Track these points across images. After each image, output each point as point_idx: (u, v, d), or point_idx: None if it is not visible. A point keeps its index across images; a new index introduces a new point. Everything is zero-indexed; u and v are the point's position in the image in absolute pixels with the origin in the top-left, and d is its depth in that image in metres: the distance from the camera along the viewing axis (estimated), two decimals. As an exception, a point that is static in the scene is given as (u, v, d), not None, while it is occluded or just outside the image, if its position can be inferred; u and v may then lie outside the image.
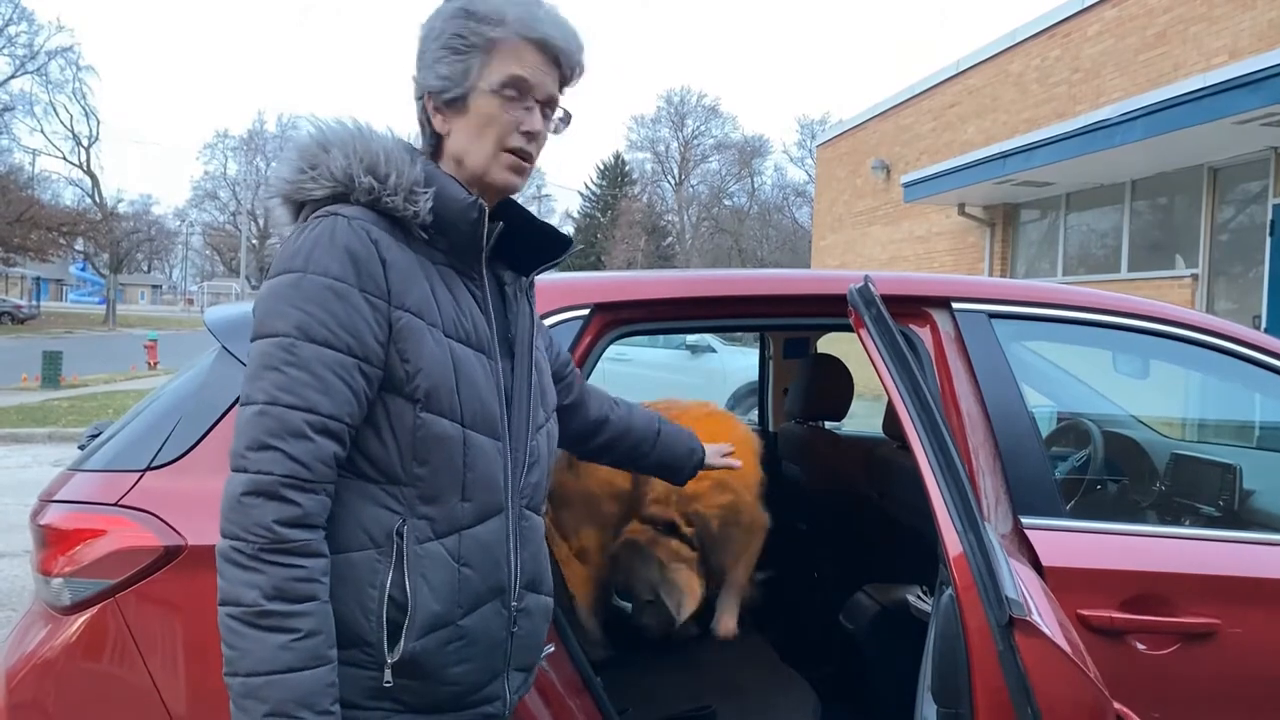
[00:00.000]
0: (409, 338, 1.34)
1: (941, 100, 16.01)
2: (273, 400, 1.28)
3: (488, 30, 1.41)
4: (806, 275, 2.48)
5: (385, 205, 1.37)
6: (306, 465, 1.28)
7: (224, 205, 67.92)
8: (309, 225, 1.36)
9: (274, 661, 1.25)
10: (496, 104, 1.41)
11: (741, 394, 11.09)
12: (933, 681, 1.76)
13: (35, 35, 42.57)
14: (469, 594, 1.39)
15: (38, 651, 1.82)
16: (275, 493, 1.26)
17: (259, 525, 1.26)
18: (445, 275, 1.42)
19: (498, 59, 1.41)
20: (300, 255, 1.33)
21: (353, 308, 1.31)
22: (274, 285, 1.34)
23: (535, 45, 1.42)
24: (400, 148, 1.43)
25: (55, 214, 41.47)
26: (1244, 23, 9.81)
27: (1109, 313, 2.27)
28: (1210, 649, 1.94)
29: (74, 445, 2.41)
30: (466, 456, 1.38)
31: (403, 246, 1.37)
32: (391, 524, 1.35)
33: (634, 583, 2.60)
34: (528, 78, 1.42)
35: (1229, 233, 10.70)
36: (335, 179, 1.37)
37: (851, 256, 18.95)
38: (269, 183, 1.45)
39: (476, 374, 1.40)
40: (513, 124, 1.43)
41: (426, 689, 1.38)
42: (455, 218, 1.40)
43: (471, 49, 1.41)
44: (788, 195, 58.52)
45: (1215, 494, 2.48)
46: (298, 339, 1.29)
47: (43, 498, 1.96)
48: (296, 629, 1.26)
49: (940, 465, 1.73)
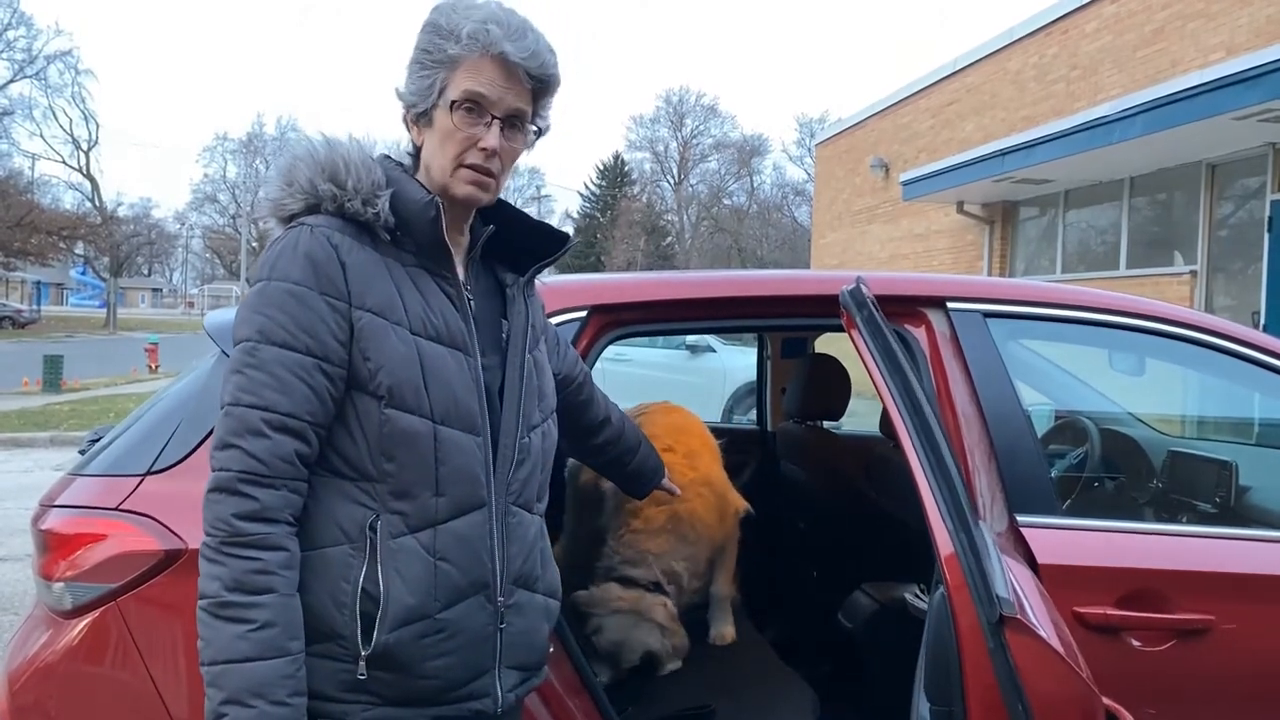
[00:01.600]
0: (370, 337, 1.39)
1: (940, 98, 16.01)
2: (235, 401, 1.36)
3: (447, 46, 1.44)
4: (803, 276, 2.49)
5: (348, 210, 1.43)
6: (263, 461, 1.34)
7: (224, 208, 67.87)
8: (279, 238, 1.43)
9: (231, 650, 1.31)
10: (454, 120, 1.45)
11: (741, 394, 11.08)
12: (926, 679, 1.77)
13: (34, 40, 42.74)
14: (447, 588, 1.42)
15: (40, 655, 1.84)
16: (233, 488, 1.34)
17: (219, 519, 1.34)
18: (415, 275, 1.46)
19: (459, 74, 1.44)
20: (267, 265, 1.41)
21: (311, 310, 1.37)
22: (247, 295, 1.43)
23: (494, 60, 1.44)
24: (363, 155, 1.47)
25: (55, 218, 41.51)
26: (1241, 19, 9.81)
27: (1103, 311, 2.28)
28: (1205, 645, 1.95)
29: (76, 449, 2.43)
30: (438, 451, 1.41)
31: (367, 249, 1.43)
32: (365, 519, 1.40)
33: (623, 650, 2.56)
34: (485, 93, 1.44)
35: (1227, 229, 10.70)
36: (305, 191, 1.44)
37: (851, 255, 18.95)
38: (261, 205, 1.52)
39: (448, 370, 1.43)
40: (469, 141, 1.45)
41: (402, 682, 1.41)
42: (414, 216, 1.45)
43: (437, 64, 1.45)
44: (787, 194, 58.59)
45: (1211, 491, 2.49)
46: (259, 342, 1.37)
47: (44, 502, 1.97)
48: (253, 620, 1.32)
49: (931, 465, 1.74)
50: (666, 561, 2.59)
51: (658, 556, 2.58)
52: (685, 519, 2.60)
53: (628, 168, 59.00)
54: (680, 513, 2.59)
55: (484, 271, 1.59)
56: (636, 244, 49.68)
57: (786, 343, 4.11)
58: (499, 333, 1.55)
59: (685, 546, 2.63)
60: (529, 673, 1.57)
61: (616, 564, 2.60)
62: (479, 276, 1.57)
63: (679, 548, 2.61)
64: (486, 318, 1.54)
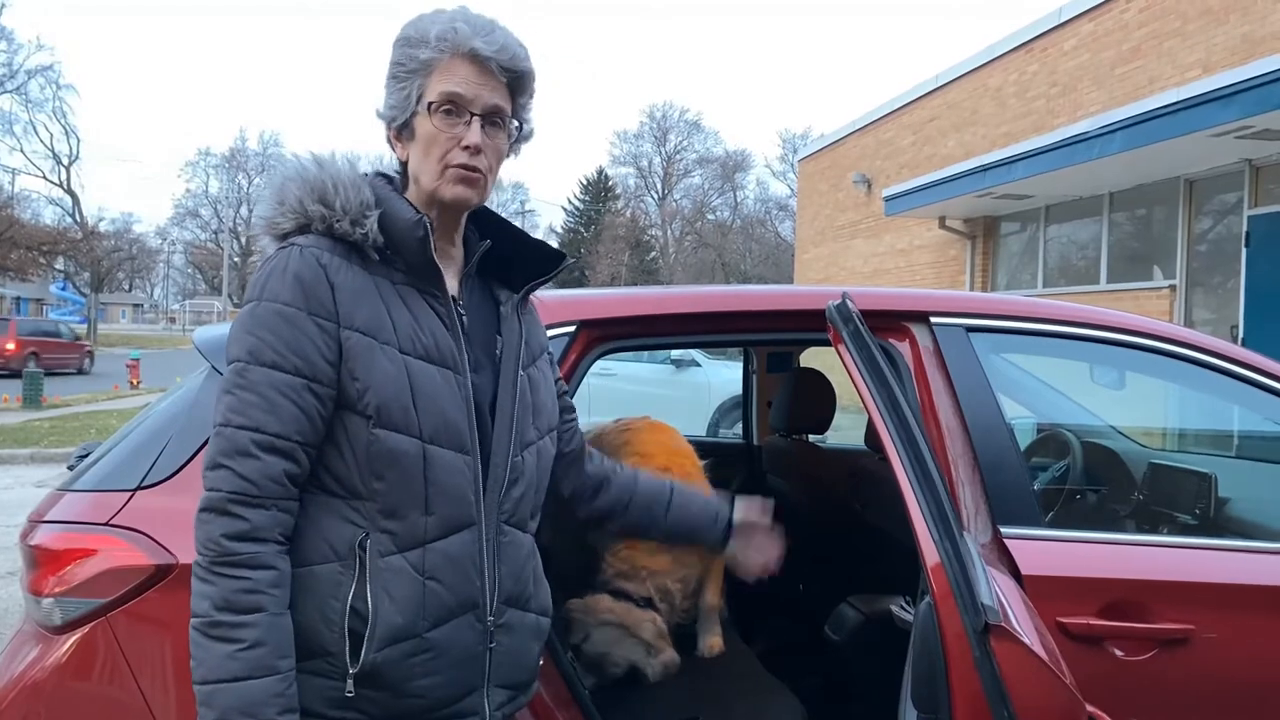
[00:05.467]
0: (358, 356, 1.39)
1: (921, 114, 16.14)
2: (225, 422, 1.38)
3: (418, 53, 1.46)
4: (790, 291, 2.51)
5: (337, 231, 1.44)
6: (253, 482, 1.35)
7: (205, 223, 67.60)
8: (270, 258, 1.44)
9: (222, 670, 1.32)
10: (434, 123, 1.46)
11: (727, 407, 11.11)
12: (913, 688, 1.79)
13: (15, 54, 42.40)
14: (436, 607, 1.42)
15: (29, 672, 1.83)
16: (223, 508, 1.35)
17: (209, 540, 1.35)
18: (405, 293, 1.47)
19: (433, 79, 1.46)
20: (258, 286, 1.42)
21: (300, 331, 1.38)
22: (238, 316, 1.44)
23: (465, 59, 1.46)
24: (353, 175, 1.48)
25: (35, 233, 41.17)
26: (1217, 37, 9.95)
27: (1084, 325, 2.31)
28: (1186, 654, 1.98)
29: (56, 466, 2.42)
30: (427, 471, 1.41)
31: (356, 269, 1.44)
32: (354, 537, 1.40)
33: (607, 661, 2.57)
34: (462, 92, 1.46)
35: (1206, 244, 10.83)
36: (295, 210, 1.46)
37: (834, 270, 19.04)
38: (256, 223, 1.53)
39: (437, 389, 1.43)
40: (452, 141, 1.47)
41: (390, 700, 1.41)
42: (403, 236, 1.45)
43: (411, 74, 1.47)
44: (770, 209, 58.85)
45: (1191, 502, 2.52)
46: (249, 363, 1.38)
47: (33, 518, 1.97)
48: (241, 639, 1.32)
49: (917, 477, 1.76)
50: (661, 579, 2.60)
51: (652, 573, 2.59)
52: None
53: (611, 183, 59.14)
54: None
55: (479, 286, 1.59)
56: (620, 259, 49.76)
57: (772, 357, 4.13)
58: (493, 349, 1.55)
59: (681, 568, 2.63)
60: (518, 691, 1.57)
61: (610, 576, 2.61)
62: (473, 291, 1.58)
63: (675, 568, 2.62)
64: (480, 333, 1.54)
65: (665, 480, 1.94)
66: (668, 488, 1.89)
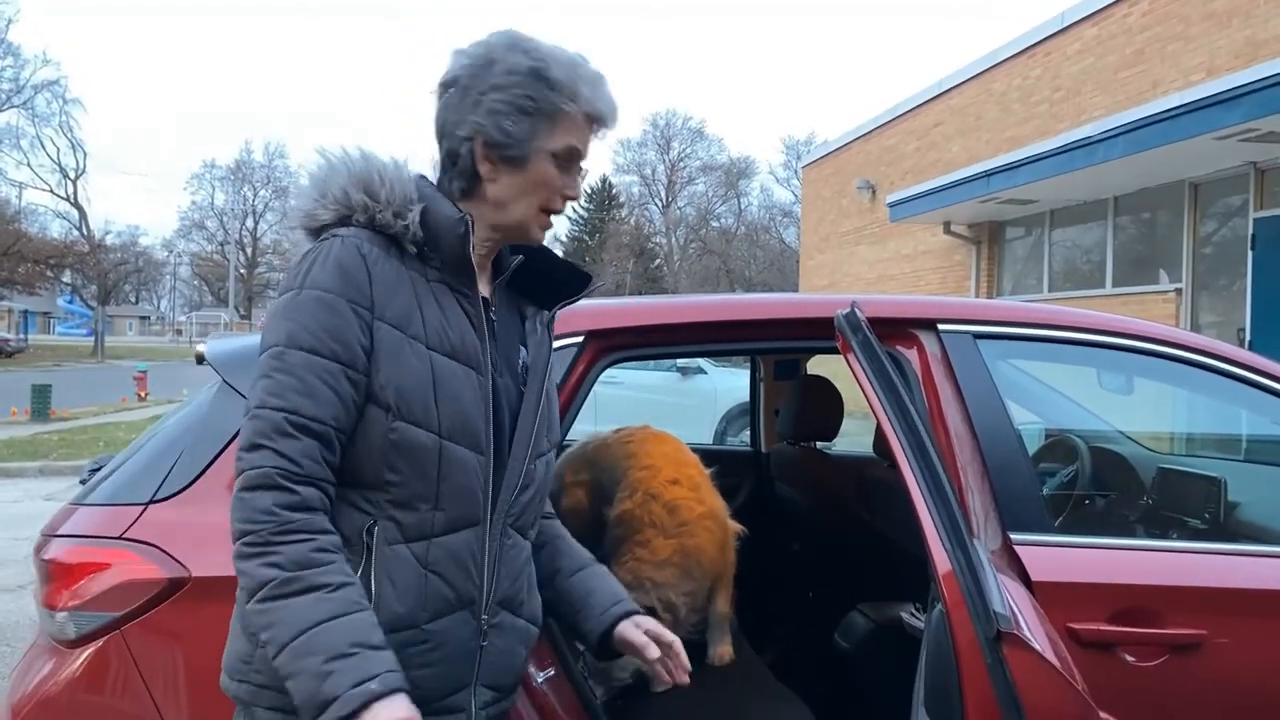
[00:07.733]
0: (385, 348, 1.41)
1: (925, 120, 16.16)
2: (262, 404, 1.37)
3: (560, 102, 1.47)
4: (797, 299, 2.52)
5: (379, 222, 1.45)
6: (295, 461, 1.34)
7: (211, 235, 67.80)
8: (312, 249, 1.45)
9: (314, 615, 1.29)
10: (553, 170, 1.50)
11: (733, 415, 11.10)
12: (925, 695, 1.79)
13: (21, 69, 42.60)
14: (436, 600, 1.44)
15: (43, 686, 1.84)
16: (272, 482, 1.33)
17: (261, 511, 1.32)
18: (437, 290, 1.48)
19: (561, 128, 1.49)
20: (299, 275, 1.42)
21: (340, 317, 1.39)
22: (275, 304, 1.43)
23: (591, 119, 1.51)
24: (398, 169, 1.49)
25: (42, 246, 41.37)
26: (1220, 41, 9.95)
27: (1091, 331, 2.32)
28: (1197, 660, 1.97)
29: (66, 479, 2.43)
30: (441, 466, 1.42)
31: (394, 262, 1.45)
32: (362, 524, 1.41)
33: (613, 668, 2.56)
34: (580, 148, 1.51)
35: (1211, 247, 10.82)
36: (338, 201, 1.46)
37: (839, 276, 19.05)
38: (292, 214, 1.52)
39: (459, 387, 1.45)
40: (560, 189, 1.52)
41: None
42: (443, 232, 1.47)
43: (538, 113, 1.47)
44: (774, 216, 58.92)
45: (1201, 507, 2.52)
46: (287, 347, 1.38)
47: (46, 532, 1.98)
48: (328, 583, 1.31)
49: (928, 484, 1.77)
50: (666, 592, 2.59)
51: (657, 585, 2.58)
52: (693, 554, 2.60)
53: (615, 191, 59.26)
54: (689, 547, 2.59)
55: (506, 299, 1.62)
56: (625, 267, 49.85)
57: (779, 365, 4.14)
58: (516, 357, 1.58)
59: (688, 581, 2.62)
60: (502, 694, 1.58)
61: None
62: (501, 302, 1.60)
63: (682, 582, 2.61)
64: (505, 340, 1.57)
65: (586, 554, 1.80)
66: (588, 558, 1.79)
